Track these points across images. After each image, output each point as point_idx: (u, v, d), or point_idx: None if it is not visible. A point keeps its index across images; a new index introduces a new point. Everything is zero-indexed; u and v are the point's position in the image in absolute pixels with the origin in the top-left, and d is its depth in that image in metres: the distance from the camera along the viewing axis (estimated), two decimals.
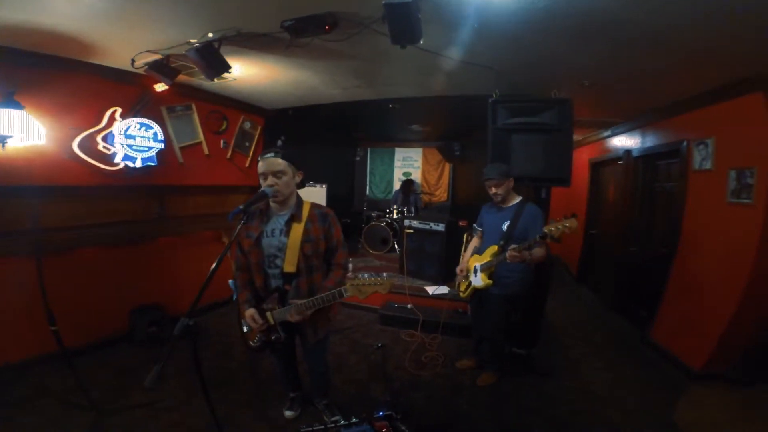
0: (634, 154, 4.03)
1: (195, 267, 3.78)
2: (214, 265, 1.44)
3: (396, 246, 5.76)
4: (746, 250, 2.45)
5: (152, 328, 3.17)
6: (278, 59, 2.69)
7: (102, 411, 2.22)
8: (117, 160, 2.98)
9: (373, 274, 1.62)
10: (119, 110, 2.93)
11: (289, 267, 1.77)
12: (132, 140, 3.03)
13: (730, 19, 1.70)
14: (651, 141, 3.73)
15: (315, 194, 4.77)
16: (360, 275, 1.61)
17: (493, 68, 2.67)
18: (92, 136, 2.83)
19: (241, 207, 1.58)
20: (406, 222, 4.59)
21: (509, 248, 2.24)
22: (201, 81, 3.28)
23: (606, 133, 4.74)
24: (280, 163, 1.71)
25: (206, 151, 3.83)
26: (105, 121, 2.87)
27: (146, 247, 3.41)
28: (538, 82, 3.00)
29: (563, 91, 2.93)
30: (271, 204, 1.80)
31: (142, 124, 3.09)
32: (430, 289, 4.12)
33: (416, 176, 7.20)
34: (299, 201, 1.85)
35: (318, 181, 4.86)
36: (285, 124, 4.81)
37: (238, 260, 1.92)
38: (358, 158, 7.72)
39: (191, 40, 2.27)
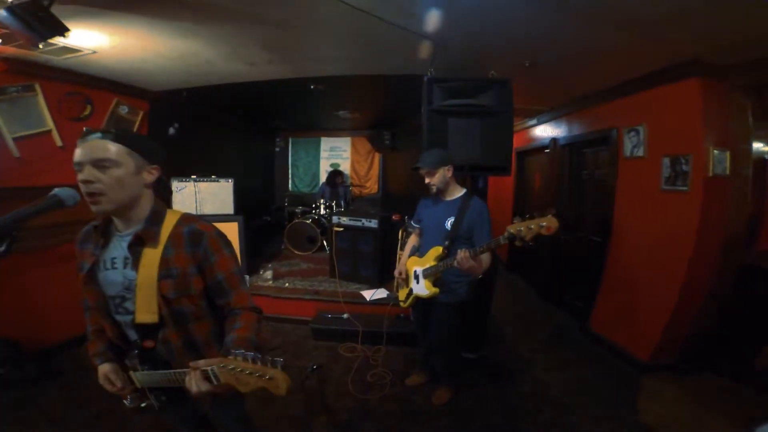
0: (561, 142, 4.06)
1: (57, 290, 2.93)
2: None
3: (325, 245, 5.21)
4: (684, 237, 2.46)
5: (6, 367, 2.47)
6: (151, 24, 2.01)
7: None
8: None
9: (255, 356, 0.88)
10: None
11: (144, 315, 1.10)
12: None
13: None
14: (578, 129, 3.76)
15: (219, 190, 3.99)
16: (241, 354, 0.88)
17: (429, 37, 2.29)
18: None
19: None
20: (335, 219, 4.07)
21: (459, 250, 1.87)
22: (48, 56, 2.44)
23: (532, 122, 4.77)
24: (110, 148, 1.01)
25: (59, 143, 2.84)
26: None
27: None
28: (476, 61, 2.71)
29: (502, 71, 2.69)
30: (114, 219, 1.13)
31: None
32: (367, 294, 3.70)
33: (345, 167, 6.67)
34: (155, 212, 1.15)
35: (223, 175, 4.06)
36: (177, 109, 3.92)
37: (84, 297, 1.22)
38: (278, 149, 6.90)
39: None
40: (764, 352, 2.39)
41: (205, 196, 3.88)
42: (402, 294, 2.43)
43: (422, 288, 2.18)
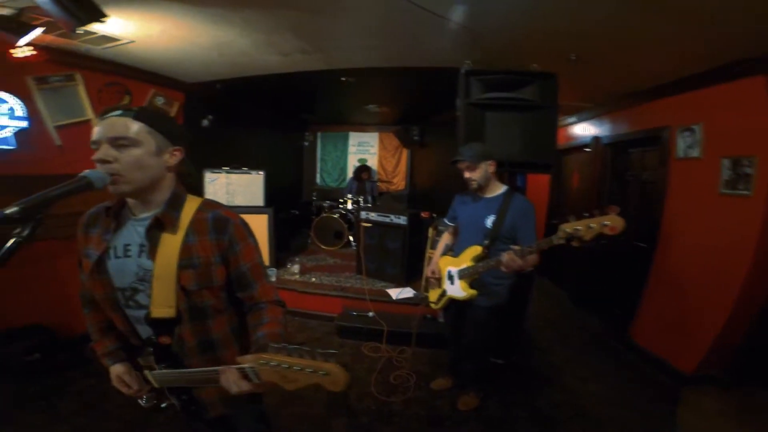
0: (604, 141, 3.83)
1: None
2: None
3: (351, 240, 5.18)
4: (743, 245, 2.26)
5: (33, 356, 2.47)
6: (186, 10, 2.00)
7: None
8: None
9: (307, 349, 0.77)
10: None
11: (160, 310, 1.01)
12: None
13: None
14: (623, 127, 3.53)
15: (250, 182, 4.04)
16: (281, 347, 0.79)
17: (468, 27, 2.17)
18: None
19: (10, 210, 0.76)
20: (363, 214, 4.02)
21: (505, 252, 1.76)
22: (88, 45, 2.50)
23: (571, 120, 4.55)
24: (129, 126, 0.93)
25: None
26: None
27: (15, 255, 2.51)
28: (516, 52, 2.56)
29: (545, 64, 2.52)
30: (129, 201, 1.04)
31: None
32: (393, 293, 3.64)
33: (372, 163, 6.62)
34: (176, 196, 1.06)
35: (254, 167, 4.09)
36: (212, 102, 3.99)
37: (83, 291, 1.17)
38: (307, 143, 6.92)
39: None
40: None
41: (236, 188, 3.93)
42: (433, 295, 2.34)
43: (458, 289, 2.08)
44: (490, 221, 2.01)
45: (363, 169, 5.90)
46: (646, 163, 3.28)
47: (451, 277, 2.14)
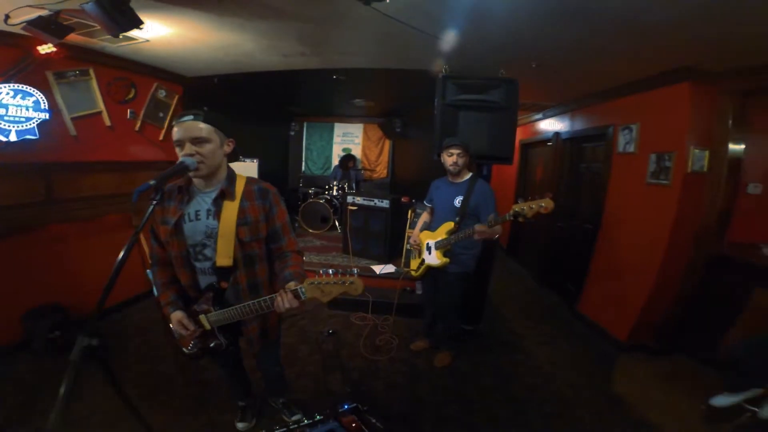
0: (563, 136, 4.32)
1: (101, 258, 3.23)
2: (121, 255, 1.11)
3: (337, 224, 5.56)
4: (663, 227, 2.75)
5: (54, 334, 2.66)
6: (207, 18, 2.25)
7: None
8: None
9: (335, 271, 1.23)
10: None
11: (224, 259, 1.41)
12: (4, 110, 2.40)
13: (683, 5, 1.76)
14: (579, 124, 4.02)
15: (246, 170, 4.30)
16: (321, 271, 1.24)
17: (443, 39, 2.51)
18: None
19: (152, 182, 1.16)
20: (350, 198, 4.41)
21: (477, 225, 2.22)
22: (104, 43, 2.70)
23: (537, 116, 5.01)
24: (201, 127, 1.32)
25: (108, 122, 3.15)
26: None
27: (33, 237, 2.77)
28: (488, 61, 2.96)
29: (511, 71, 2.94)
30: (195, 180, 1.43)
31: (17, 91, 2.45)
32: (377, 269, 4.06)
33: (356, 152, 6.94)
34: (231, 175, 1.48)
35: (245, 155, 4.38)
36: (208, 94, 4.21)
37: (154, 253, 1.53)
38: (292, 133, 7.17)
39: None
40: (728, 337, 2.59)
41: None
42: (414, 264, 2.78)
43: (434, 258, 2.53)
44: (458, 201, 2.46)
45: (349, 158, 6.24)
46: (596, 157, 3.78)
47: (429, 248, 2.57)
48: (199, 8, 2.11)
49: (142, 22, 1.99)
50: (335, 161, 6.92)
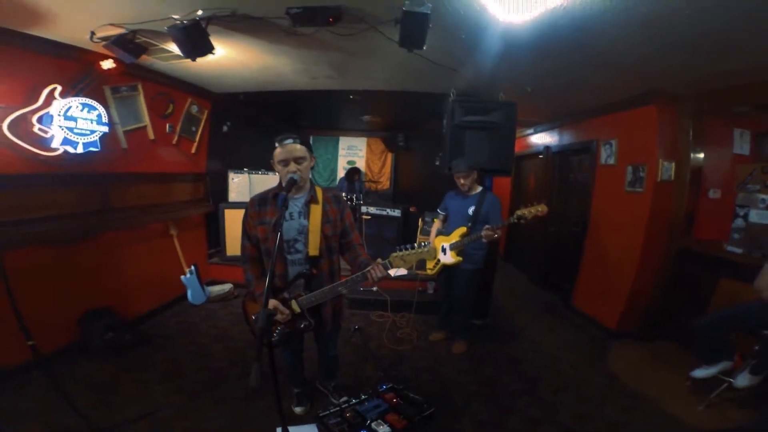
0: (553, 149, 4.84)
1: (144, 264, 3.51)
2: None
3: None
4: (639, 228, 3.22)
5: (109, 335, 2.83)
6: (261, 44, 2.58)
7: (100, 430, 1.99)
8: (55, 144, 2.55)
9: (411, 245, 1.66)
10: (59, 88, 2.50)
11: (314, 250, 1.80)
12: (73, 122, 2.62)
13: (649, 42, 2.17)
14: (567, 139, 4.54)
15: (267, 181, 4.62)
16: (400, 248, 1.68)
17: (458, 71, 2.99)
18: (26, 117, 2.39)
19: (285, 193, 1.63)
20: (364, 209, 4.79)
21: (485, 228, 2.64)
22: (154, 60, 2.94)
23: (529, 131, 5.55)
24: (299, 149, 1.75)
25: (152, 136, 3.46)
26: (42, 100, 2.43)
27: (89, 245, 2.97)
28: (489, 85, 3.41)
29: (509, 94, 3.40)
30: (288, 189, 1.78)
31: (84, 105, 2.68)
32: (392, 272, 4.31)
33: (360, 165, 7.33)
34: (313, 184, 1.90)
35: (258, 167, 4.78)
36: (232, 109, 4.57)
37: (246, 252, 1.88)
38: None
39: (174, 16, 2.09)
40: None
41: (256, 186, 4.56)
42: (430, 264, 3.16)
43: (449, 258, 2.94)
44: (471, 210, 2.91)
45: (354, 171, 6.60)
46: (582, 168, 4.30)
47: (444, 250, 2.97)
48: (260, 38, 2.42)
49: (213, 48, 2.26)
50: (340, 173, 7.29)
